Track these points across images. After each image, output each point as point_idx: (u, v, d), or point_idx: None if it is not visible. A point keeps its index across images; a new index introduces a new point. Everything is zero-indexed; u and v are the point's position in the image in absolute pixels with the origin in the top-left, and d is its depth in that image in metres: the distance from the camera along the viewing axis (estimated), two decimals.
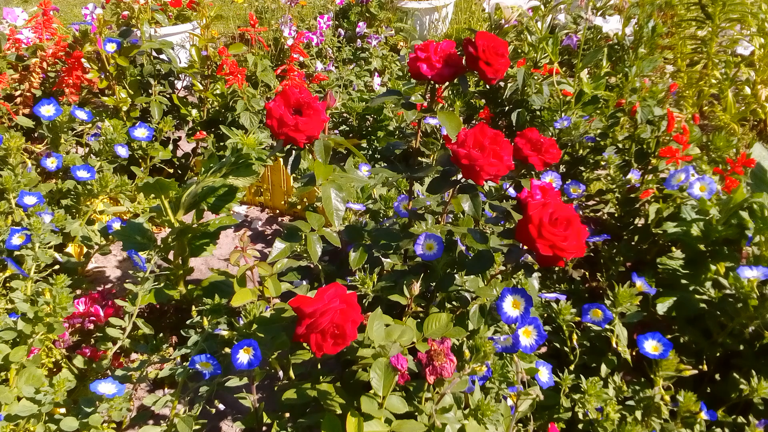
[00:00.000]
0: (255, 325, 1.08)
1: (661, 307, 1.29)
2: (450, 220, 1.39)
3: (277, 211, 2.10)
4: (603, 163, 1.68)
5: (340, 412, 0.99)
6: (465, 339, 1.10)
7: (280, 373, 1.15)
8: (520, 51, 2.31)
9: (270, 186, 2.05)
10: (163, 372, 1.18)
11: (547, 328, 1.26)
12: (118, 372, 1.21)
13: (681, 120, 1.59)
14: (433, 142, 2.04)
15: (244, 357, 1.02)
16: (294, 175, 2.00)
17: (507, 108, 2.12)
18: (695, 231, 1.34)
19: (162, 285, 1.42)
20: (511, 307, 1.05)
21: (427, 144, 2.02)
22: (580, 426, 1.15)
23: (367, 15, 3.21)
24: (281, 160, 1.83)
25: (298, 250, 1.59)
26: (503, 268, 1.19)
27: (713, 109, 2.37)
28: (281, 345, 1.08)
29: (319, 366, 1.17)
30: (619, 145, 1.71)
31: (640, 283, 1.23)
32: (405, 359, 0.94)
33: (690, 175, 1.38)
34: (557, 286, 1.51)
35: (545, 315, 1.30)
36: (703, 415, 1.10)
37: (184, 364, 1.15)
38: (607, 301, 1.21)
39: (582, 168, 1.81)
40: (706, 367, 1.19)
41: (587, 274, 1.59)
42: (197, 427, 1.22)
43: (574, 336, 1.24)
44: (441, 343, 0.94)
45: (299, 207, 2.02)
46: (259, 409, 1.16)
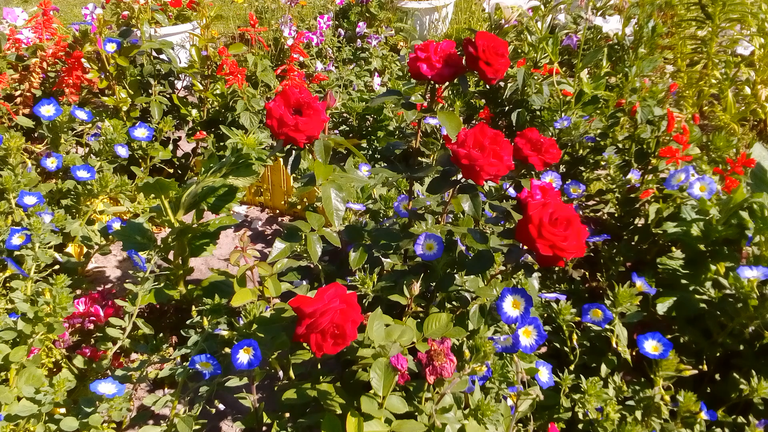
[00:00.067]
0: (255, 325, 1.08)
1: (661, 307, 1.29)
2: (450, 220, 1.39)
3: (277, 211, 2.10)
4: (603, 163, 1.68)
5: (340, 412, 0.99)
6: (465, 339, 1.10)
7: (280, 373, 1.15)
8: (520, 51, 2.31)
9: (270, 186, 2.05)
10: (163, 372, 1.18)
11: (547, 328, 1.26)
12: (118, 372, 1.21)
13: (681, 120, 1.59)
14: (433, 142, 2.04)
15: (244, 357, 1.02)
16: (294, 175, 2.00)
17: (507, 108, 2.12)
18: (695, 231, 1.34)
19: (162, 285, 1.42)
20: (511, 307, 1.05)
21: (427, 144, 2.02)
22: (580, 426, 1.15)
23: (367, 15, 3.21)
24: (281, 160, 1.83)
25: (298, 250, 1.59)
26: (503, 268, 1.19)
27: (713, 109, 2.37)
28: (281, 345, 1.08)
29: (319, 366, 1.17)
30: (619, 145, 1.71)
31: (640, 283, 1.23)
32: (405, 359, 0.94)
33: (690, 175, 1.38)
34: (557, 286, 1.51)
35: (545, 315, 1.30)
36: (703, 415, 1.10)
37: (184, 364, 1.15)
38: (607, 301, 1.21)
39: (582, 168, 1.81)
40: (706, 367, 1.19)
41: (587, 274, 1.59)
42: (197, 427, 1.22)
43: (574, 336, 1.24)
44: (441, 343, 0.94)
45: (299, 207, 2.02)
46: (259, 409, 1.16)
